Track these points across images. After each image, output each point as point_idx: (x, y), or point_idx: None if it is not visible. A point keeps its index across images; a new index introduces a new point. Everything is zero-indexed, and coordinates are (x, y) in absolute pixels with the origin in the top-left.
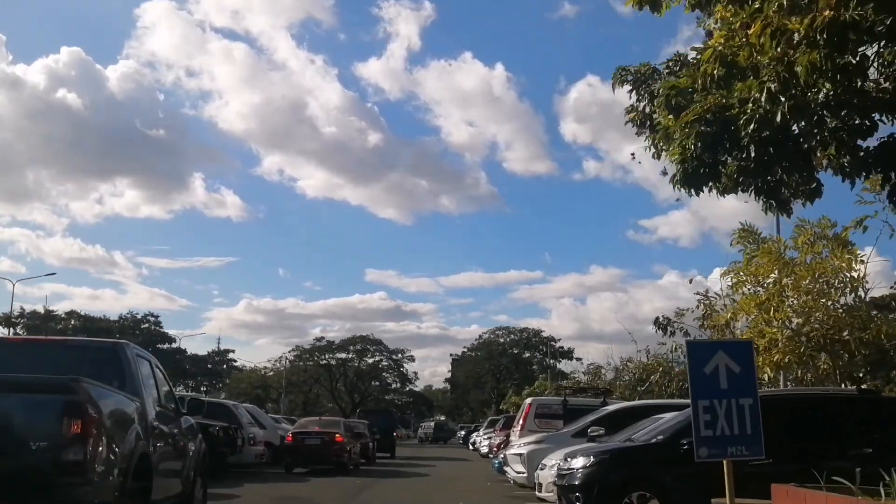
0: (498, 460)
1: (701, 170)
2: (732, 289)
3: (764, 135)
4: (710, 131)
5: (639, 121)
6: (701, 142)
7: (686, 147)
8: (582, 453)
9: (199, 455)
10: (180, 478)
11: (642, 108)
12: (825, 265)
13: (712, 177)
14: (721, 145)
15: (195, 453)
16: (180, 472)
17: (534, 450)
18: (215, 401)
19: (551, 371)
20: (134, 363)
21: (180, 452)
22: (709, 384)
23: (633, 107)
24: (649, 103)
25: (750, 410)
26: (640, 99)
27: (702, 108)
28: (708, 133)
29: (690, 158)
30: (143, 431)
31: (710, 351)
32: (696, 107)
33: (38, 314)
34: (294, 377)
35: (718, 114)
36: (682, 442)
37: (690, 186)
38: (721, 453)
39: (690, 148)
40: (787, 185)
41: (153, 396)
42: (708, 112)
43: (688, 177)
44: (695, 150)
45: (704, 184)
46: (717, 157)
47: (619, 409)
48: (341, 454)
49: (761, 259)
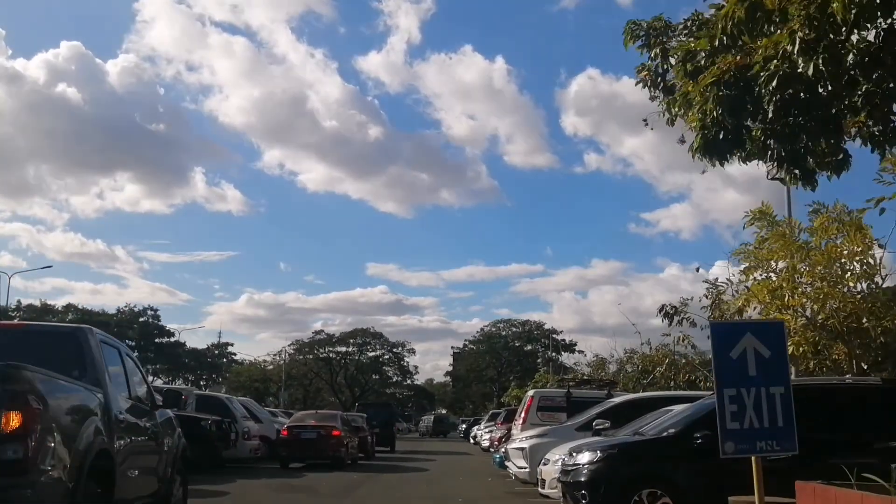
0: (499, 455)
1: (722, 136)
2: (744, 273)
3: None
4: (731, 94)
5: (650, 80)
6: (722, 106)
7: (706, 112)
8: (588, 448)
9: (178, 451)
10: (155, 475)
11: (655, 66)
12: (840, 249)
13: (735, 143)
14: (743, 108)
15: (173, 449)
16: (155, 469)
17: (536, 444)
18: (209, 394)
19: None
20: (97, 350)
21: (155, 448)
22: (735, 371)
23: (644, 65)
24: (663, 61)
25: (781, 400)
26: (652, 57)
27: (720, 69)
28: (729, 96)
29: (711, 124)
30: (105, 425)
31: (736, 333)
32: (715, 68)
33: (34, 308)
34: (294, 371)
35: (740, 74)
36: (695, 435)
37: (712, 155)
38: (749, 448)
39: (711, 113)
40: (813, 153)
41: (122, 387)
42: (728, 73)
43: (709, 144)
44: (716, 116)
45: (728, 152)
46: (739, 121)
47: (626, 402)
48: (338, 448)
49: (774, 243)
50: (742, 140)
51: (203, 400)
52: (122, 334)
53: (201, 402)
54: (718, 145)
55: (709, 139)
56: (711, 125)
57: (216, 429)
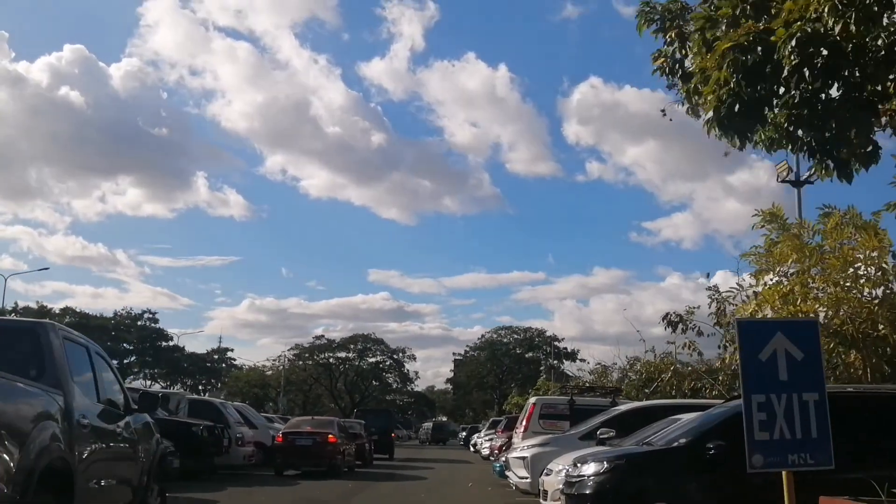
0: (499, 463)
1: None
2: (754, 277)
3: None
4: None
5: (668, 67)
6: (739, 73)
7: (721, 80)
8: (594, 458)
9: (155, 457)
10: (129, 485)
11: (672, 51)
12: (853, 253)
13: (755, 118)
14: (762, 76)
15: (150, 456)
16: (128, 478)
17: (538, 453)
18: (201, 399)
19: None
20: (60, 349)
21: (128, 455)
22: (765, 375)
23: (661, 52)
24: (680, 46)
25: (816, 408)
26: (668, 42)
27: (739, 35)
28: (747, 63)
29: (727, 95)
30: (65, 431)
31: (766, 333)
32: (734, 33)
33: (31, 310)
34: (293, 376)
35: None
36: (707, 446)
37: (728, 130)
38: (780, 462)
39: (726, 80)
40: (845, 142)
41: (89, 389)
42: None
43: (725, 118)
44: (732, 85)
45: (748, 129)
46: (759, 91)
47: (632, 410)
48: (334, 455)
49: (784, 246)
50: (763, 115)
51: (195, 405)
52: (120, 338)
53: (193, 407)
54: (735, 119)
55: (724, 112)
56: (727, 96)
57: (208, 434)
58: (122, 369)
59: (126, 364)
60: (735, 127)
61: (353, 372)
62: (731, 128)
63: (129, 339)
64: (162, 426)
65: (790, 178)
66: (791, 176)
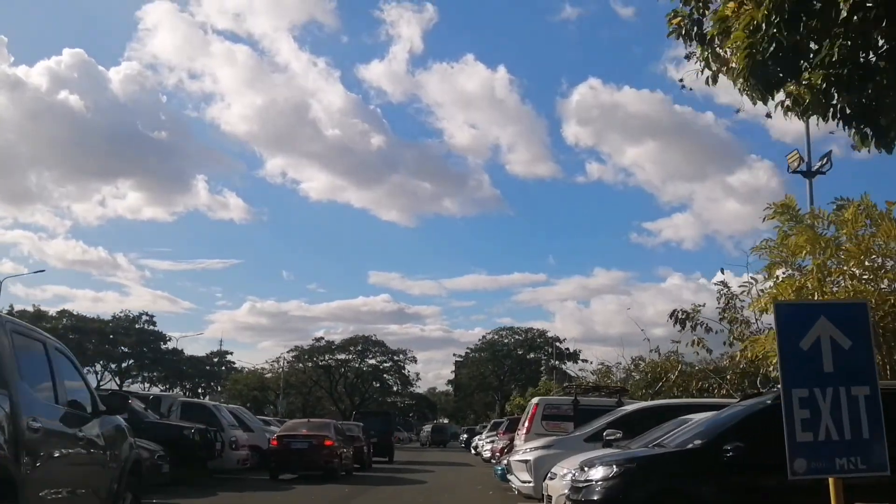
0: (501, 467)
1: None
2: (766, 272)
3: None
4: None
5: (685, 29)
6: (780, 12)
7: (755, 21)
8: (602, 462)
9: (128, 463)
10: (95, 494)
11: (690, 10)
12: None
13: (789, 69)
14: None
15: (122, 462)
16: (94, 486)
17: (541, 456)
18: (194, 401)
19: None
20: (6, 344)
21: (95, 460)
22: (807, 366)
23: (676, 11)
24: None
25: (867, 404)
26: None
27: None
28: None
29: (762, 39)
30: (10, 436)
31: (808, 317)
32: None
33: (27, 313)
34: (293, 378)
35: None
36: (725, 448)
37: (761, 81)
38: (826, 468)
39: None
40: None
41: (45, 390)
42: None
43: (758, 65)
44: (768, 28)
45: (779, 81)
46: (797, 36)
47: (639, 410)
48: (331, 459)
49: (799, 238)
50: (798, 67)
51: (188, 407)
52: (118, 341)
53: (186, 410)
54: (768, 67)
55: (756, 59)
56: (762, 40)
57: (200, 438)
58: (120, 373)
59: (124, 367)
60: (767, 74)
61: (353, 374)
62: (762, 77)
63: (128, 342)
64: (152, 430)
65: (801, 168)
66: (802, 166)
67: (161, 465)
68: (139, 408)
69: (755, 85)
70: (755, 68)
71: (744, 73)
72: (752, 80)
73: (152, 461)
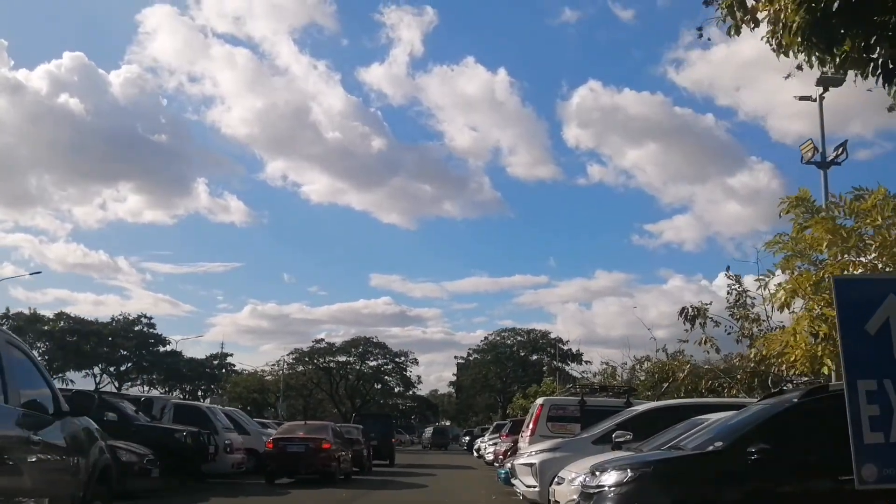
0: (504, 470)
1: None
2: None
3: None
4: None
5: None
6: None
7: None
8: (615, 465)
9: (97, 469)
10: (56, 500)
11: None
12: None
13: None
14: None
15: (89, 467)
16: (55, 492)
17: (547, 459)
18: (188, 403)
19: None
20: None
21: (55, 467)
22: (875, 353)
23: None
24: None
25: None
26: None
27: None
28: None
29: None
30: None
31: (874, 295)
32: None
33: (24, 316)
34: (293, 381)
35: None
36: (749, 450)
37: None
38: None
39: None
40: None
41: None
42: None
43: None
44: None
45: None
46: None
47: (650, 410)
48: (328, 462)
49: (817, 229)
50: (860, 19)
51: (181, 410)
52: (117, 344)
53: (179, 412)
54: (828, 23)
55: (817, 16)
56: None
57: (192, 441)
58: (119, 375)
59: (123, 370)
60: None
61: (354, 376)
62: (822, 35)
63: (126, 345)
64: (142, 433)
65: (815, 158)
66: (816, 157)
67: (151, 470)
68: (130, 410)
69: (816, 44)
70: (815, 27)
71: (801, 32)
72: (815, 39)
73: (141, 465)
